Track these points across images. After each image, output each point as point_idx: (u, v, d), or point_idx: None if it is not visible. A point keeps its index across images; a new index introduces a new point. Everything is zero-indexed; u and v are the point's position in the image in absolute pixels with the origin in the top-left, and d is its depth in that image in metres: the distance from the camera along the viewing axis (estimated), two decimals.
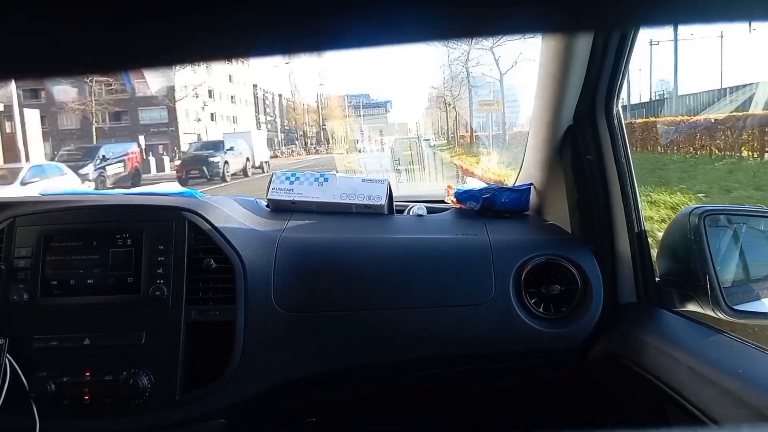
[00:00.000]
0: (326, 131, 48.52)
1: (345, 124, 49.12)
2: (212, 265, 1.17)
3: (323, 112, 50.48)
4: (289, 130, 52.36)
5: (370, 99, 54.23)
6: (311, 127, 51.24)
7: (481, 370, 1.30)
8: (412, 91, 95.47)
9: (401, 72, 73.68)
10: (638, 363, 1.04)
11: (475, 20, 0.25)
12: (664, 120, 10.26)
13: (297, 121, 52.87)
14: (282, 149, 41.52)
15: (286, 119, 53.04)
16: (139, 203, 1.31)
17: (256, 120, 49.93)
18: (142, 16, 0.23)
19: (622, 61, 1.16)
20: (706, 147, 8.27)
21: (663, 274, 1.17)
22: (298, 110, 52.55)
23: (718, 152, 8.08)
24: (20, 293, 1.14)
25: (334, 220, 1.38)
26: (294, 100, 52.63)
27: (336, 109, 50.56)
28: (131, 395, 1.10)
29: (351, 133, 46.16)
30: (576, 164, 1.30)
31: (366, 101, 53.63)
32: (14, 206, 1.24)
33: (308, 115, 51.84)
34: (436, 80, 49.06)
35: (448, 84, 25.03)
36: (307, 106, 52.48)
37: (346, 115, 48.43)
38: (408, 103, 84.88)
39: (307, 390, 1.24)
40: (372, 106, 53.30)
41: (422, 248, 1.27)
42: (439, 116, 38.99)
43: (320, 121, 49.41)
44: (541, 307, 1.23)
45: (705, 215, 1.06)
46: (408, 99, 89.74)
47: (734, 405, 0.80)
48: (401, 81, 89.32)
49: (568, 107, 1.28)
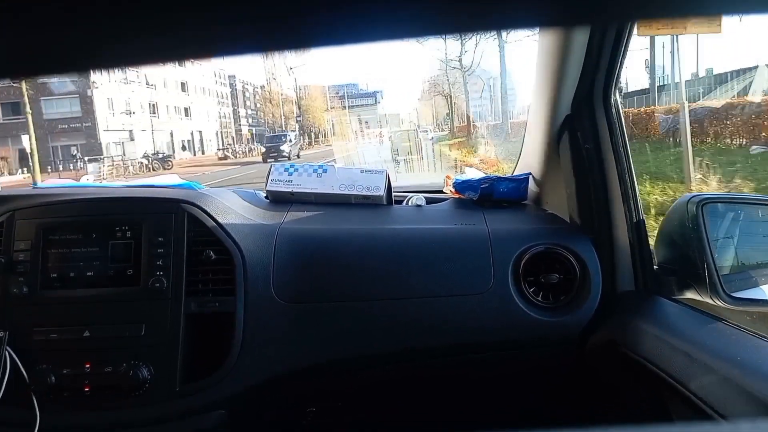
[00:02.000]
0: (303, 124, 44.74)
1: (338, 117, 46.49)
2: (211, 256, 1.17)
3: (302, 102, 47.01)
4: (274, 123, 48.54)
5: (359, 89, 51.26)
6: (289, 119, 47.57)
7: (480, 359, 1.31)
8: (404, 81, 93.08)
9: (392, 61, 71.91)
10: (636, 351, 1.04)
11: (472, 15, 0.24)
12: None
13: (274, 114, 48.98)
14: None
15: (261, 112, 49.79)
16: (138, 195, 1.30)
17: (235, 114, 46.03)
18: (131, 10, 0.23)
19: (620, 50, 1.16)
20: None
21: (661, 263, 1.18)
22: (274, 101, 48.69)
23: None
24: (20, 286, 1.15)
25: (332, 211, 1.38)
26: (270, 90, 49.21)
27: (318, 100, 47.22)
28: (131, 387, 1.11)
29: (341, 127, 43.29)
30: (574, 153, 1.30)
31: (353, 91, 50.46)
32: (13, 199, 1.24)
33: (285, 107, 48.11)
34: (432, 69, 46.47)
35: (447, 74, 24.80)
36: (284, 96, 48.60)
37: (328, 107, 44.94)
38: (400, 93, 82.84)
39: (306, 380, 1.25)
40: (360, 96, 49.96)
41: (421, 238, 1.27)
42: (434, 106, 38.05)
43: (300, 114, 46.18)
44: (539, 296, 1.23)
45: (703, 203, 1.07)
46: (400, 89, 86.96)
47: (733, 392, 0.80)
48: (392, 70, 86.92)
49: (566, 96, 1.28)
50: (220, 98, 44.45)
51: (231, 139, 43.78)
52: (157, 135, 30.39)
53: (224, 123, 44.59)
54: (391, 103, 53.45)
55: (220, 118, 43.81)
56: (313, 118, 45.48)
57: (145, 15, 0.23)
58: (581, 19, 0.30)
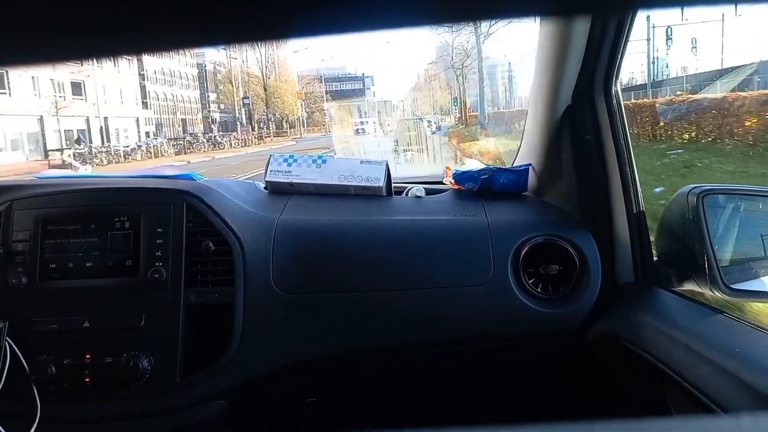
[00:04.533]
0: (273, 111, 39.24)
1: (315, 102, 40.06)
2: (211, 247, 1.17)
3: (270, 83, 39.81)
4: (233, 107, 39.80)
5: (345, 72, 45.40)
6: (259, 104, 39.75)
7: (479, 351, 1.31)
8: (397, 67, 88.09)
9: (384, 44, 67.60)
10: (636, 342, 1.05)
11: (473, 4, 0.24)
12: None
13: (234, 96, 39.64)
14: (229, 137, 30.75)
15: (222, 94, 40.87)
16: (137, 186, 1.30)
17: (203, 100, 39.31)
18: None
19: (621, 41, 1.15)
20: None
21: (661, 254, 1.18)
22: (236, 80, 39.59)
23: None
24: (19, 277, 1.14)
25: (332, 202, 1.38)
26: (230, 68, 40.14)
27: (291, 82, 40.91)
28: (132, 377, 1.11)
29: (321, 114, 37.10)
30: (574, 144, 1.30)
31: (337, 74, 44.34)
32: (11, 190, 1.24)
33: (248, 88, 39.53)
34: (431, 54, 42.03)
35: (455, 56, 23.87)
36: (248, 75, 40.27)
37: (302, 91, 39.41)
38: (393, 78, 78.11)
39: (306, 371, 1.25)
40: (345, 79, 44.17)
41: (421, 229, 1.27)
42: (431, 94, 35.95)
43: (246, 95, 37.85)
44: (539, 287, 1.23)
45: (703, 194, 1.06)
46: (393, 75, 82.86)
47: (732, 384, 0.80)
48: (384, 54, 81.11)
49: (566, 87, 1.27)
50: (184, 80, 37.84)
51: (200, 127, 36.94)
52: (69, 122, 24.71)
53: (187, 108, 37.77)
54: (382, 89, 51.01)
55: (176, 101, 36.57)
56: (282, 103, 40.06)
57: (136, 6, 0.23)
58: (583, 8, 0.29)
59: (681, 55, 17.89)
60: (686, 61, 18.02)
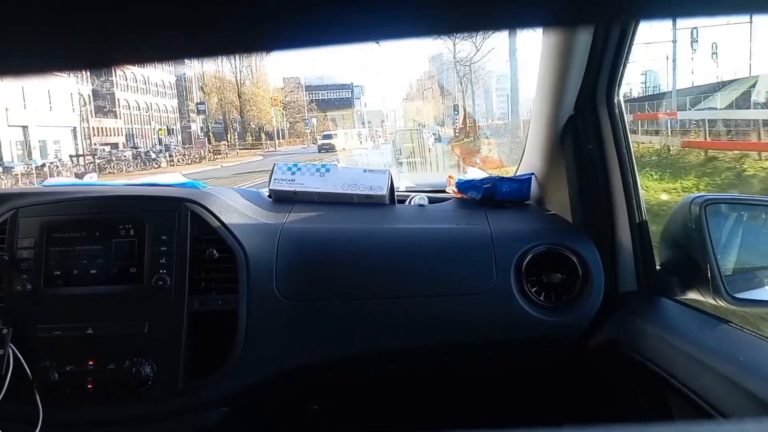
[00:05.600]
0: (248, 120, 35.57)
1: (298, 111, 36.59)
2: (214, 255, 1.17)
3: (245, 89, 36.03)
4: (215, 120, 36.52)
5: (333, 81, 41.75)
6: (230, 112, 36.40)
7: (482, 359, 1.31)
8: (390, 76, 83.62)
9: (376, 53, 62.39)
10: (638, 351, 1.04)
11: (475, 14, 0.25)
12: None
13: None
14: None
15: (187, 102, 36.92)
16: (141, 194, 1.31)
17: (181, 110, 35.91)
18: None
19: (623, 50, 1.16)
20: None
21: (664, 263, 1.18)
22: (208, 87, 36.58)
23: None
24: (24, 283, 1.15)
25: (335, 210, 1.38)
26: (202, 72, 36.44)
27: (268, 89, 37.16)
28: (134, 384, 1.11)
29: (295, 125, 34.22)
30: (577, 154, 1.30)
31: (324, 82, 40.77)
32: (16, 197, 1.24)
33: (222, 95, 36.30)
34: (425, 63, 39.56)
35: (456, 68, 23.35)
36: (220, 80, 36.90)
37: (277, 98, 35.85)
38: (384, 88, 72.29)
39: (309, 378, 1.25)
40: (332, 87, 40.44)
41: (424, 238, 1.27)
42: (424, 104, 33.94)
43: (203, 102, 34.63)
44: (542, 295, 1.23)
45: (706, 204, 1.06)
46: (384, 84, 78.17)
47: (735, 393, 0.80)
48: (376, 63, 75.97)
49: (569, 97, 1.28)
50: (160, 87, 35.33)
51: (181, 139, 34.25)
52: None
53: (163, 118, 35.08)
54: (374, 100, 44.92)
55: (150, 111, 33.79)
56: (258, 111, 36.15)
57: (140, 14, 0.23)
58: (585, 18, 0.30)
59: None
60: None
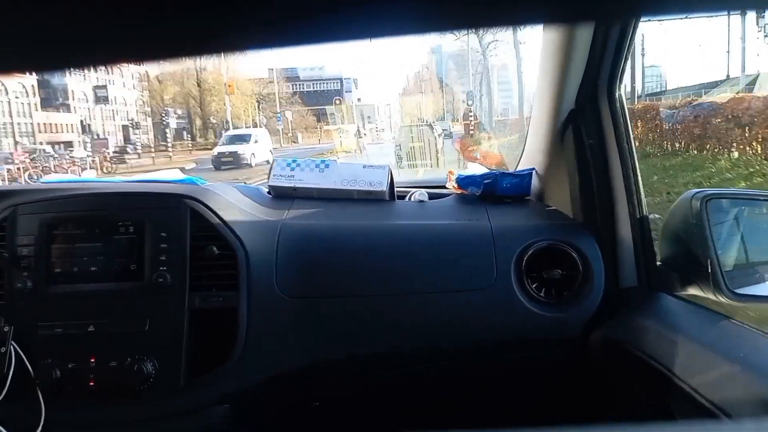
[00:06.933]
0: (208, 115, 29.85)
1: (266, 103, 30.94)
2: (215, 252, 1.17)
3: (205, 75, 30.07)
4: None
5: (324, 72, 36.83)
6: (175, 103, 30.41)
7: (482, 356, 1.31)
8: (385, 69, 78.61)
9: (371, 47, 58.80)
10: (639, 347, 1.04)
11: (477, 12, 0.24)
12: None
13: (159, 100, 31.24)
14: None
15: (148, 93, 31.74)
16: (141, 191, 1.31)
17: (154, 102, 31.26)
18: None
19: (625, 44, 1.16)
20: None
21: (664, 259, 1.17)
22: (165, 80, 30.89)
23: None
24: (24, 281, 1.15)
25: (335, 207, 1.38)
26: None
27: (237, 79, 30.96)
28: (136, 382, 1.11)
29: (270, 121, 28.14)
30: (578, 149, 1.30)
31: (312, 75, 35.73)
32: (15, 194, 1.24)
33: (183, 85, 30.70)
34: (425, 55, 35.75)
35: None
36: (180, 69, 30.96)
37: (231, 83, 29.35)
38: (382, 82, 69.46)
39: (310, 375, 1.25)
40: (320, 79, 35.57)
41: (424, 234, 1.27)
42: (424, 96, 30.84)
43: (200, 98, 29.68)
44: (542, 291, 1.23)
45: (707, 199, 1.06)
46: (382, 78, 74.07)
47: (735, 389, 0.80)
48: (370, 56, 71.05)
49: (570, 91, 1.27)
50: (127, 79, 31.56)
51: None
52: None
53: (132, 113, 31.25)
54: (367, 93, 40.67)
55: (116, 104, 29.85)
56: (221, 103, 30.27)
57: (136, 15, 0.23)
58: (586, 16, 0.29)
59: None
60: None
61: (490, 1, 0.24)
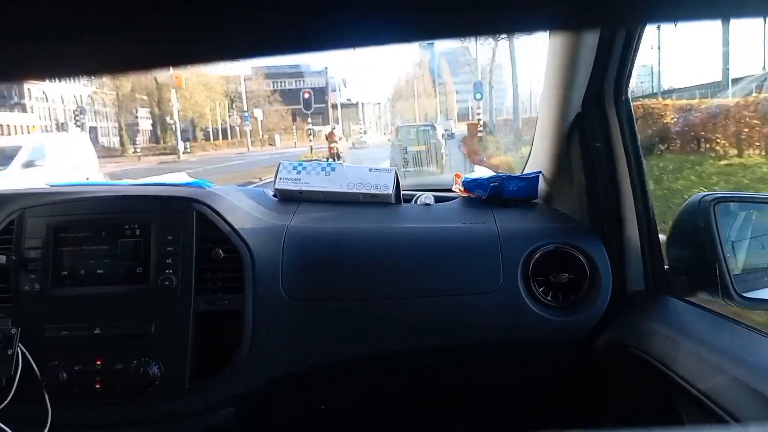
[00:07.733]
0: (164, 115, 26.80)
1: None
2: (220, 255, 1.18)
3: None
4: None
5: (308, 67, 33.44)
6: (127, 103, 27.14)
7: (488, 359, 1.31)
8: (379, 68, 73.55)
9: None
10: (646, 351, 1.04)
11: (483, 19, 0.24)
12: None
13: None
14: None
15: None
16: (147, 194, 1.31)
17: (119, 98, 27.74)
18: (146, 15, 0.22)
19: (631, 47, 1.15)
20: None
21: (672, 262, 1.17)
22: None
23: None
24: (32, 284, 1.16)
25: (341, 210, 1.38)
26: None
27: (203, 74, 28.13)
28: (142, 384, 1.12)
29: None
30: (585, 152, 1.29)
31: (290, 71, 32.01)
32: (23, 198, 1.25)
33: (138, 81, 27.40)
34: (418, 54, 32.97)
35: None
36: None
37: (178, 75, 24.22)
38: (372, 79, 66.52)
39: (315, 378, 1.25)
40: (301, 75, 31.92)
41: (430, 237, 1.27)
42: (417, 97, 28.66)
43: (158, 95, 26.68)
44: (549, 295, 1.23)
45: (715, 202, 1.06)
46: (372, 74, 69.37)
47: (744, 394, 0.80)
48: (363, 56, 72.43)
49: (577, 94, 1.27)
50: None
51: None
52: None
53: (102, 113, 28.14)
54: (356, 91, 37.85)
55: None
56: (184, 101, 27.08)
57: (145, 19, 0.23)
58: (593, 21, 0.29)
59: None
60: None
61: (495, 8, 0.23)
